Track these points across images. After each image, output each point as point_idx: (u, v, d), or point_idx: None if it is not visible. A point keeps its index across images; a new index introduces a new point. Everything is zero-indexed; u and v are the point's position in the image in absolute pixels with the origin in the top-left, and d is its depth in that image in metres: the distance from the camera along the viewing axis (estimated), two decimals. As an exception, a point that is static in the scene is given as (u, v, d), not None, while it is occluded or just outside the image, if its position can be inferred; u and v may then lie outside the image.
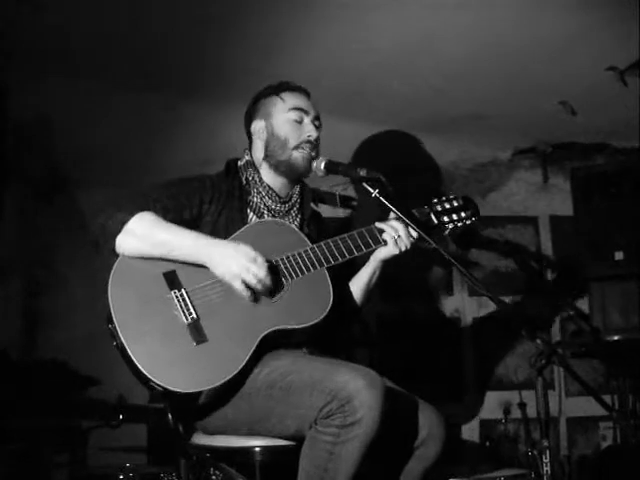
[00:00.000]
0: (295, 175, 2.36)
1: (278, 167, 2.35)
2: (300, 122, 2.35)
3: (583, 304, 3.93)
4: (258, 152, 2.39)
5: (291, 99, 2.37)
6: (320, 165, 2.31)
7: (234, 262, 2.06)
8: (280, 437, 2.09)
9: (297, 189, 2.40)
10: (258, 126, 2.39)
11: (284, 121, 2.35)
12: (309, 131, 2.35)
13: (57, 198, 3.87)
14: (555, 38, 3.13)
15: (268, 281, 2.08)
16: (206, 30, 3.00)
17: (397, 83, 3.42)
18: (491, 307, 3.97)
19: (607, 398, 3.69)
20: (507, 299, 3.90)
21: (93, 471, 2.97)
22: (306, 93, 2.42)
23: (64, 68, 3.17)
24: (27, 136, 3.56)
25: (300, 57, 3.19)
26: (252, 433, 2.11)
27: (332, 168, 2.30)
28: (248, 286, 2.07)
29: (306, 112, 2.37)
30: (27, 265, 3.80)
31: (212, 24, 2.97)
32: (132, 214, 2.10)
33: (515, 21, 3.02)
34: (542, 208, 4.20)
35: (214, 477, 2.19)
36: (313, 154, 2.35)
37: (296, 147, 2.33)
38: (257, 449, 2.11)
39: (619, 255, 3.49)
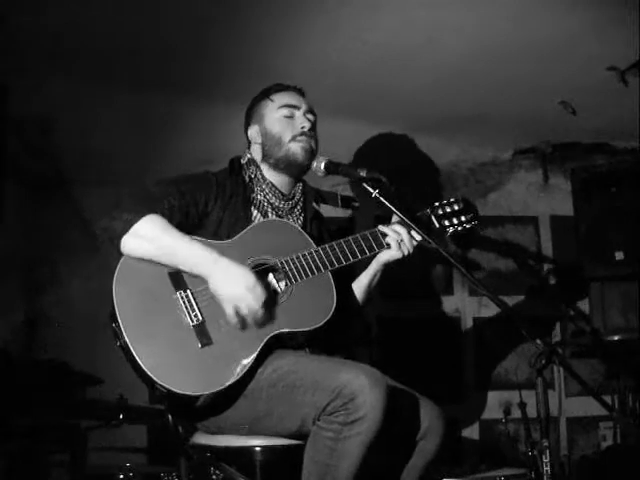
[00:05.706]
0: (296, 168, 2.36)
1: (278, 164, 2.35)
2: (291, 117, 2.37)
3: (583, 304, 3.93)
4: (257, 155, 2.41)
5: (280, 98, 2.40)
6: (320, 165, 2.30)
7: (232, 287, 2.03)
8: (283, 435, 2.09)
9: (299, 188, 2.41)
10: (253, 131, 2.42)
11: (275, 119, 2.37)
12: (302, 122, 2.36)
13: (57, 198, 3.86)
14: (555, 38, 3.13)
15: (260, 315, 2.05)
16: (206, 30, 3.00)
17: (397, 83, 3.42)
18: (491, 307, 3.97)
19: (607, 398, 3.68)
20: (507, 299, 3.89)
21: (93, 471, 2.97)
22: (296, 90, 2.44)
23: (64, 68, 3.17)
24: (27, 136, 3.56)
25: (300, 57, 3.19)
26: (254, 432, 2.11)
27: (332, 168, 2.30)
28: (238, 313, 2.04)
29: (296, 107, 2.38)
30: (27, 264, 3.80)
31: (212, 24, 2.97)
32: (140, 216, 2.10)
33: (515, 21, 3.02)
34: (542, 208, 4.20)
35: (214, 477, 2.18)
36: (312, 144, 2.36)
37: (292, 139, 2.34)
38: (258, 449, 2.11)
39: (619, 255, 3.49)
